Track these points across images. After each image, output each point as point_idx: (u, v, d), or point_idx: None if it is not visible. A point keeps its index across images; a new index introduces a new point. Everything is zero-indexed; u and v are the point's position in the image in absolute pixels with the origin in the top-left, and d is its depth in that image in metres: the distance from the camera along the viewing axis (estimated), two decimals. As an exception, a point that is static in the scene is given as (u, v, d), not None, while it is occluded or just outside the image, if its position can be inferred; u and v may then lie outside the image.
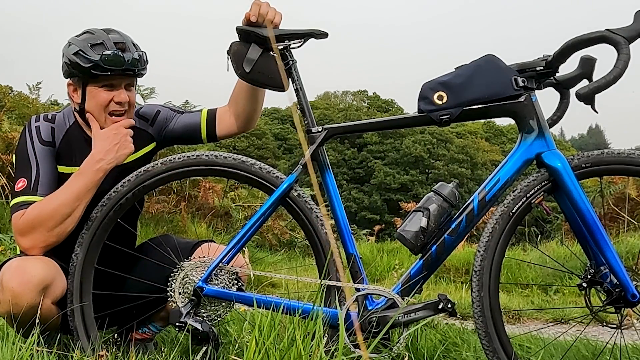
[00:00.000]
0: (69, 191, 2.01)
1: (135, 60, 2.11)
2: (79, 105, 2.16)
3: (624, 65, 1.75)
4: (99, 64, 2.06)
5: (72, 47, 2.11)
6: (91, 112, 2.14)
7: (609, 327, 1.99)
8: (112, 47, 2.08)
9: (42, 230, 1.98)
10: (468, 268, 6.00)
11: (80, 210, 2.02)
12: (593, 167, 1.92)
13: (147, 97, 7.40)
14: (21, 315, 1.92)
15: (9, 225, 5.10)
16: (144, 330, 2.40)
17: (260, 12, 2.01)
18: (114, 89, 2.13)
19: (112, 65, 2.07)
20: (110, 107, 2.13)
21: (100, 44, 2.08)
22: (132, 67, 2.11)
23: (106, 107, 2.13)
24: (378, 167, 39.14)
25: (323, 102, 47.88)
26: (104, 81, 2.11)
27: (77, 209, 2.01)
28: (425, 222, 1.92)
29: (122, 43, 2.11)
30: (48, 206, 1.98)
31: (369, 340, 1.90)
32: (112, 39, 2.11)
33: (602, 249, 1.86)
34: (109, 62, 2.06)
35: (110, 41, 2.10)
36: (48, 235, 1.98)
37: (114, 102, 2.13)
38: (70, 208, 1.99)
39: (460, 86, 1.91)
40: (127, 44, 2.12)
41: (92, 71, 2.07)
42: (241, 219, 7.74)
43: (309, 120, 2.04)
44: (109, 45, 2.08)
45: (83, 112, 2.16)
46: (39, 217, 1.97)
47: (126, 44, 2.12)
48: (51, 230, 1.98)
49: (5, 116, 6.64)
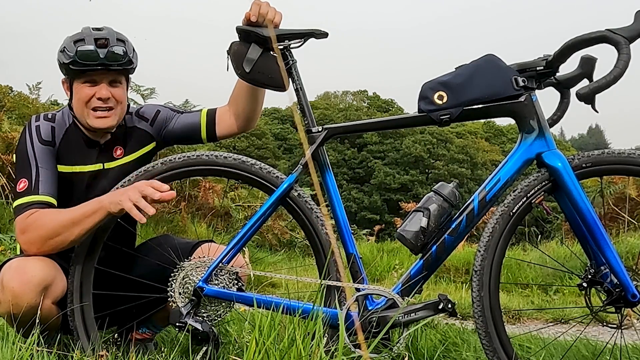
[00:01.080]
0: (70, 213, 2.00)
1: (114, 55, 2.09)
2: (68, 102, 2.18)
3: (625, 65, 1.75)
4: (75, 60, 2.07)
5: (61, 45, 2.14)
6: (75, 108, 2.16)
7: (609, 327, 1.99)
8: (90, 43, 2.08)
9: (37, 236, 1.99)
10: (468, 268, 6.00)
11: (73, 234, 1.98)
12: (593, 167, 1.92)
13: (147, 97, 7.40)
14: (21, 315, 1.92)
15: (9, 225, 5.10)
16: (144, 330, 2.40)
17: (260, 12, 2.00)
18: (96, 84, 2.13)
19: (86, 59, 2.07)
20: (93, 103, 2.13)
21: (81, 40, 2.10)
22: (109, 62, 2.09)
23: (87, 103, 2.13)
24: (378, 167, 39.13)
25: (323, 102, 47.87)
26: (86, 77, 2.11)
27: (69, 232, 1.98)
28: (426, 222, 1.92)
29: (104, 39, 2.10)
30: (50, 218, 1.99)
31: (369, 340, 1.90)
32: (95, 35, 2.11)
33: (602, 249, 1.86)
34: (83, 57, 2.07)
35: (91, 37, 2.10)
36: (41, 243, 2.00)
37: (96, 97, 2.12)
38: (64, 228, 1.98)
39: (460, 86, 1.91)
40: (109, 40, 2.10)
41: (71, 67, 2.09)
42: (241, 219, 7.74)
43: (309, 120, 2.03)
44: (88, 41, 2.09)
45: (71, 109, 2.18)
46: (38, 224, 1.98)
47: (109, 39, 2.11)
48: (44, 241, 1.99)
49: (5, 116, 6.64)
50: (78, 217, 1.98)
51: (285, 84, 2.00)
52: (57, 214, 2.00)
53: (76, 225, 1.98)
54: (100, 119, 2.14)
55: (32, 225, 1.98)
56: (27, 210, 2.00)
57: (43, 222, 1.98)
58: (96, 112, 2.13)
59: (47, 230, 1.98)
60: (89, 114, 2.13)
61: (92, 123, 2.14)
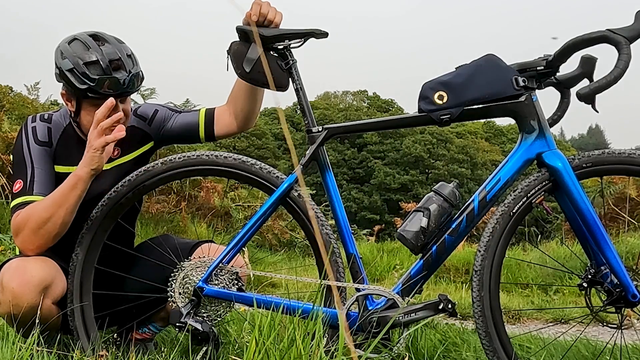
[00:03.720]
0: (51, 197, 1.99)
1: (133, 80, 2.05)
2: (74, 114, 2.13)
3: (625, 65, 1.75)
4: (94, 89, 2.00)
5: (66, 61, 2.02)
6: (84, 125, 2.12)
7: (609, 327, 1.99)
8: (107, 67, 1.99)
9: (28, 231, 1.97)
10: (468, 268, 6.01)
11: (60, 215, 1.95)
12: (594, 167, 1.92)
13: (147, 97, 7.40)
14: (21, 316, 1.92)
15: (9, 225, 5.10)
16: (144, 330, 2.40)
17: (261, 12, 2.00)
18: None
19: (108, 89, 2.00)
20: None
21: (95, 63, 1.99)
22: (129, 90, 2.06)
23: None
24: (378, 167, 39.13)
25: (323, 102, 47.86)
26: (101, 101, 1.99)
27: (56, 214, 1.95)
28: (426, 222, 1.92)
29: (117, 60, 2.01)
30: (35, 209, 1.97)
31: (369, 340, 1.90)
32: (107, 54, 2.01)
33: (603, 249, 1.86)
34: (105, 86, 1.99)
35: (105, 58, 2.00)
36: (34, 237, 1.98)
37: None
38: (49, 213, 1.95)
39: (460, 86, 1.91)
40: (122, 60, 2.03)
41: (88, 93, 2.01)
42: (241, 219, 7.74)
43: (309, 120, 2.03)
44: (104, 65, 1.99)
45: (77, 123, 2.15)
46: (26, 219, 1.97)
47: (121, 59, 2.03)
48: (36, 232, 1.97)
49: (5, 116, 6.64)
50: (59, 197, 1.96)
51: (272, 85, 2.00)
52: (39, 203, 1.98)
53: (61, 206, 1.95)
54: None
55: (21, 222, 1.98)
56: (19, 210, 2.00)
57: (28, 215, 1.97)
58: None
59: (35, 220, 1.96)
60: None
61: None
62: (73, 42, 2.07)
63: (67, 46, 2.06)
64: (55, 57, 2.08)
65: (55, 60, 2.08)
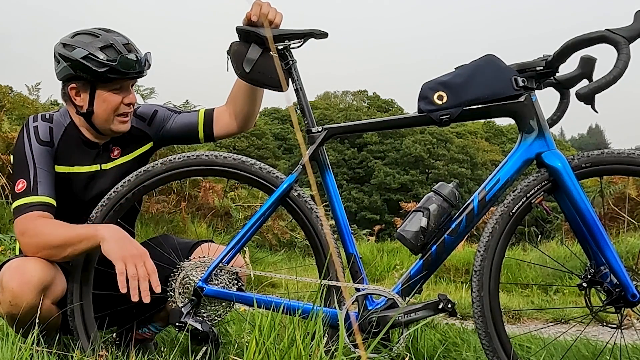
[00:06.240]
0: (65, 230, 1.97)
1: (146, 61, 2.14)
2: (86, 109, 2.13)
3: (624, 65, 1.75)
4: (116, 68, 2.05)
5: (78, 50, 2.05)
6: (99, 116, 2.13)
7: (609, 327, 1.99)
8: (123, 50, 2.08)
9: (34, 244, 1.98)
10: (468, 268, 6.01)
11: (66, 252, 1.96)
12: (593, 167, 1.92)
13: (147, 97, 7.40)
14: (21, 316, 1.91)
15: (9, 225, 5.10)
16: (144, 330, 2.40)
17: (261, 12, 2.00)
18: (121, 91, 2.13)
19: (128, 68, 2.07)
20: (121, 109, 2.14)
21: (110, 47, 2.07)
22: (143, 69, 2.13)
23: (116, 110, 2.13)
24: (378, 167, 39.14)
25: (323, 102, 47.90)
26: (116, 84, 2.10)
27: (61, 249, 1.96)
28: (426, 222, 1.92)
29: (128, 44, 2.11)
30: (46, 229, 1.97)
31: (369, 340, 1.90)
32: (118, 40, 2.10)
33: (602, 249, 1.86)
34: (125, 66, 2.06)
35: (118, 43, 2.08)
36: (36, 250, 1.98)
37: (124, 104, 2.13)
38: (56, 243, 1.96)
39: (460, 86, 1.91)
40: (131, 44, 2.13)
41: (109, 75, 2.05)
42: (241, 219, 7.74)
43: (309, 120, 2.03)
44: (120, 48, 2.07)
45: (89, 115, 2.14)
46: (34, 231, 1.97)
47: (131, 43, 2.13)
48: (39, 250, 1.98)
49: (5, 116, 6.64)
50: (72, 239, 1.96)
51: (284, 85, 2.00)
52: (56, 229, 1.98)
53: (69, 246, 1.96)
54: (124, 123, 2.17)
55: (32, 231, 1.98)
56: (28, 212, 1.99)
57: (41, 232, 1.97)
58: (122, 117, 2.15)
59: (43, 241, 1.97)
60: (115, 120, 2.14)
61: (116, 128, 2.16)
62: (77, 36, 2.12)
63: (73, 39, 2.11)
64: (61, 52, 2.09)
65: (63, 55, 2.09)
